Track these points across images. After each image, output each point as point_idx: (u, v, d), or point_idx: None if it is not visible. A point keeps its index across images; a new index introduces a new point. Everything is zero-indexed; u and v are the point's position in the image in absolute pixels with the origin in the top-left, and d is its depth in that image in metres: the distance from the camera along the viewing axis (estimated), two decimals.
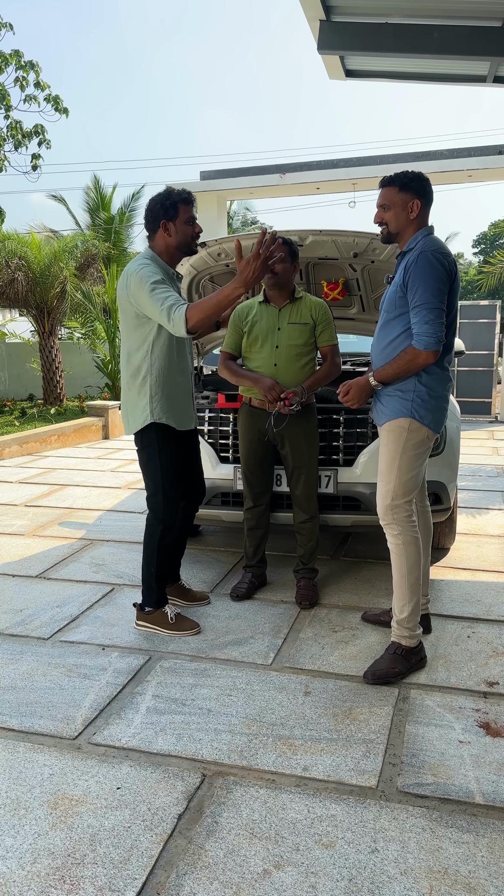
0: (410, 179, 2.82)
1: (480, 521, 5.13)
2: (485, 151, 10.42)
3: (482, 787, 2.17)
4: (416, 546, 2.88)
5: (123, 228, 20.14)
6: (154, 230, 3.04)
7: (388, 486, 2.87)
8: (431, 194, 2.85)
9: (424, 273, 2.68)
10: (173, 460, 3.16)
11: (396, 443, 2.85)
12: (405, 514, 2.87)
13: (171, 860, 1.88)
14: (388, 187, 2.83)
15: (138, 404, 3.09)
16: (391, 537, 2.91)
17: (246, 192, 12.27)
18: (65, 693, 2.74)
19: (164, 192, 3.03)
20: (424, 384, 2.81)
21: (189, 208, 3.02)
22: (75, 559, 4.36)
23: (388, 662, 2.86)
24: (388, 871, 1.83)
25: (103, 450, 8.65)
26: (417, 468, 2.87)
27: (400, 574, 2.89)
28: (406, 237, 2.86)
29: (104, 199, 20.16)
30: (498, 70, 4.52)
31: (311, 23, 4.07)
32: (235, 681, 2.82)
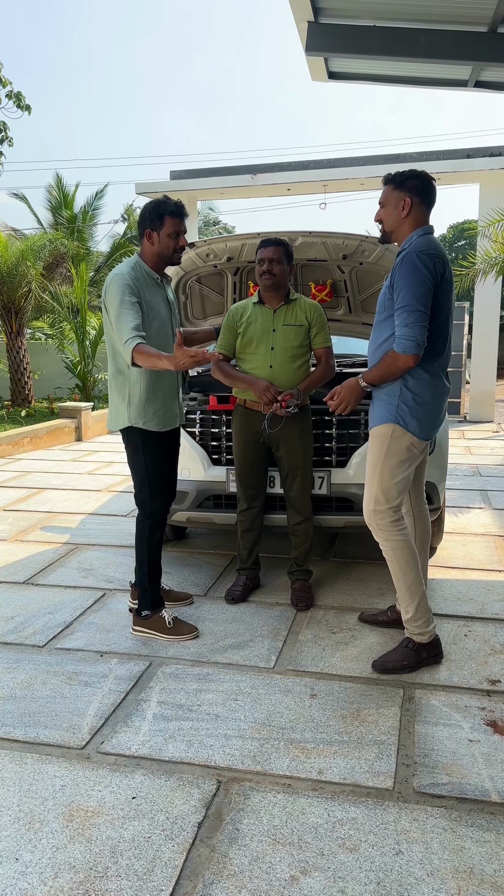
0: (406, 178, 2.79)
1: (463, 519, 5.19)
2: (454, 155, 10.57)
3: (497, 785, 2.19)
4: (404, 549, 2.88)
5: (86, 227, 19.95)
6: (141, 236, 3.09)
7: (370, 491, 2.88)
8: (429, 193, 2.80)
9: (407, 275, 2.65)
10: (157, 456, 3.18)
11: (379, 448, 2.84)
12: (389, 520, 2.86)
13: (195, 870, 1.86)
14: (386, 185, 2.82)
15: (120, 405, 3.11)
16: (380, 542, 2.92)
17: (217, 193, 12.26)
18: (67, 701, 2.69)
19: (156, 201, 3.04)
20: (410, 389, 2.78)
21: (176, 221, 3.02)
22: (62, 564, 4.28)
23: (398, 655, 2.90)
24: (414, 873, 1.83)
25: (78, 452, 8.54)
26: (401, 475, 2.84)
27: (395, 577, 2.92)
28: (401, 236, 2.84)
29: (67, 197, 19.95)
30: (480, 75, 4.59)
31: (300, 24, 4.07)
32: (240, 685, 2.80)
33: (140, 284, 3.00)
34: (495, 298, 10.73)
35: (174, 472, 3.38)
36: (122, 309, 2.90)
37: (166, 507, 3.29)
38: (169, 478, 3.31)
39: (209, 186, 11.63)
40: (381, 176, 9.24)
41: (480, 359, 11.01)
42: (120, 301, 2.91)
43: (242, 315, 3.47)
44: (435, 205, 2.84)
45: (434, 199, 2.82)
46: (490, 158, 10.31)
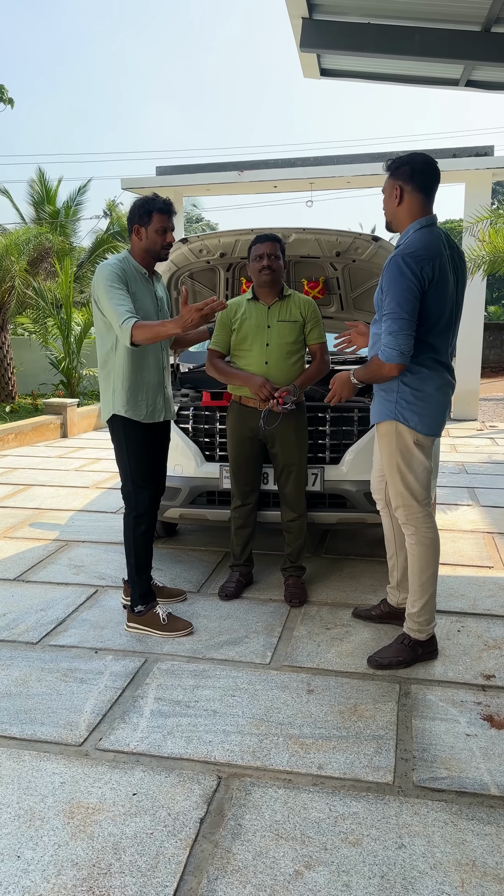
0: (400, 164, 2.71)
1: (452, 516, 5.23)
2: (440, 154, 10.60)
3: (495, 778, 2.20)
4: (430, 547, 2.88)
5: (69, 223, 19.81)
6: (130, 232, 3.13)
7: (395, 488, 2.88)
8: (425, 178, 2.67)
9: (391, 280, 2.61)
10: (142, 450, 3.18)
11: (388, 447, 2.86)
12: (420, 515, 2.86)
13: (199, 865, 1.86)
14: (387, 172, 2.76)
15: (105, 395, 3.17)
16: (407, 536, 2.92)
17: (203, 189, 12.20)
18: (63, 699, 2.67)
19: (145, 198, 3.08)
20: (408, 384, 2.76)
21: (164, 218, 3.05)
22: (52, 561, 4.25)
23: (393, 651, 2.92)
24: (418, 867, 1.85)
25: (64, 448, 8.48)
26: (418, 469, 2.84)
27: (412, 571, 2.92)
28: (400, 226, 2.77)
29: (49, 192, 19.76)
30: (471, 74, 4.61)
31: (294, 20, 4.06)
32: (237, 681, 2.80)
33: (127, 276, 3.04)
34: (479, 297, 10.80)
35: (162, 466, 3.38)
36: (112, 293, 2.94)
37: (152, 501, 3.28)
38: (155, 472, 3.30)
39: (195, 182, 11.58)
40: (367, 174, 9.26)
41: (465, 358, 11.07)
42: (108, 287, 2.96)
43: (237, 312, 3.47)
44: (437, 188, 2.71)
45: (431, 183, 2.69)
46: (476, 158, 10.36)
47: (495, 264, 8.05)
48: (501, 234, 8.26)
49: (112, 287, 2.95)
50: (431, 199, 2.73)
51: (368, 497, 3.71)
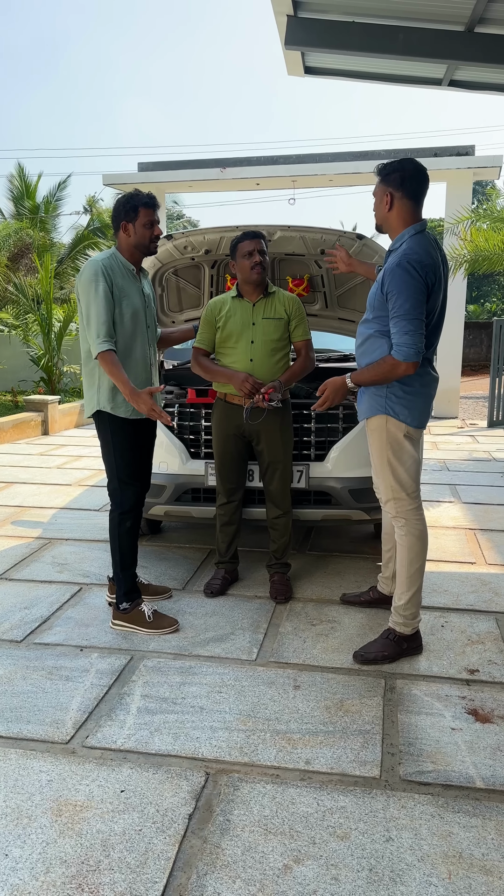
0: (390, 170, 2.77)
1: (435, 513, 5.27)
2: (421, 153, 10.66)
3: (480, 771, 2.23)
4: (419, 539, 2.93)
5: (49, 218, 19.66)
6: (117, 229, 3.14)
7: (385, 482, 2.92)
8: (415, 185, 2.74)
9: (402, 284, 2.66)
10: (128, 446, 3.18)
11: (379, 441, 2.90)
12: (410, 507, 2.92)
13: (189, 861, 1.86)
14: (377, 177, 2.81)
15: (90, 390, 3.17)
16: (397, 528, 2.97)
17: (185, 186, 12.16)
18: (49, 696, 2.66)
19: (128, 194, 3.11)
20: (399, 381, 2.82)
21: (150, 212, 3.09)
22: (36, 559, 4.23)
23: (379, 646, 2.95)
24: (405, 859, 1.86)
25: (45, 446, 8.42)
26: (409, 462, 2.90)
27: (401, 564, 2.97)
28: (392, 231, 2.83)
29: (29, 187, 19.61)
30: (454, 74, 4.64)
31: (279, 17, 4.06)
32: (223, 677, 2.80)
33: (114, 273, 3.07)
34: (460, 296, 10.88)
35: (148, 463, 3.38)
36: (95, 300, 3.00)
37: (138, 498, 3.27)
38: (141, 469, 3.30)
39: (177, 179, 11.54)
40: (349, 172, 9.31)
41: (446, 356, 11.15)
42: (93, 290, 3.00)
43: (221, 309, 3.46)
44: (426, 194, 2.78)
45: (420, 190, 2.76)
46: (457, 157, 10.43)
47: (476, 263, 8.12)
48: (483, 233, 8.33)
49: (97, 290, 2.99)
50: (421, 205, 2.80)
51: (353, 494, 3.74)
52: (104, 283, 3.01)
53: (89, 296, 3.02)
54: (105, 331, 2.99)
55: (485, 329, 23.18)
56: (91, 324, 3.01)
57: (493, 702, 2.63)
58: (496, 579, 3.89)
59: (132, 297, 3.12)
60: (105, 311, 3.00)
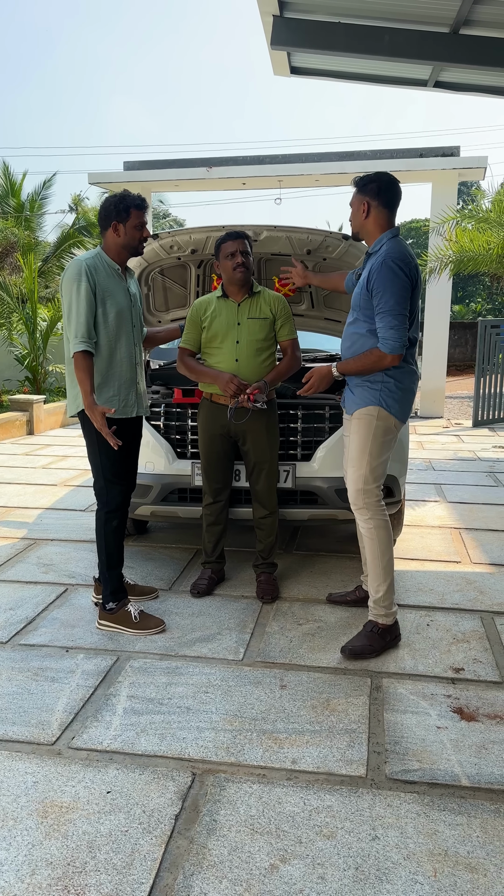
0: (368, 181, 2.96)
1: (420, 512, 5.30)
2: (407, 154, 10.71)
3: (466, 769, 2.24)
4: (386, 529, 3.03)
5: (34, 217, 19.54)
6: (105, 228, 3.15)
7: (359, 471, 3.01)
8: (389, 195, 2.95)
9: (388, 281, 2.82)
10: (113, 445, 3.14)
11: (367, 430, 2.98)
12: (375, 499, 3.02)
13: (175, 861, 1.86)
14: (354, 188, 2.99)
15: (73, 389, 3.15)
16: (363, 522, 3.05)
17: (171, 185, 12.13)
18: (34, 698, 2.65)
19: (120, 195, 3.14)
20: (392, 376, 2.96)
21: (141, 214, 3.13)
22: (21, 559, 4.20)
23: (364, 640, 3.00)
24: (391, 857, 1.87)
25: (30, 446, 8.38)
26: (386, 454, 3.03)
27: (373, 556, 3.03)
28: (368, 237, 3.01)
29: (14, 186, 19.48)
30: (439, 75, 4.66)
31: (265, 17, 4.06)
32: (209, 678, 2.80)
33: (98, 272, 3.08)
34: (445, 296, 10.94)
35: (134, 462, 3.37)
36: (76, 300, 3.02)
37: (124, 497, 3.27)
38: (127, 468, 3.29)
39: (164, 178, 11.52)
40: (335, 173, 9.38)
41: (431, 356, 11.21)
42: (75, 290, 3.02)
43: (206, 309, 3.46)
44: (398, 205, 2.98)
45: (395, 200, 2.97)
46: (442, 158, 10.48)
47: (461, 264, 8.16)
48: (468, 233, 8.37)
49: (79, 291, 3.01)
50: (394, 214, 3.01)
51: (339, 494, 3.74)
52: (87, 283, 3.01)
53: (71, 295, 3.03)
54: (83, 331, 2.99)
55: (470, 329, 23.33)
56: (70, 323, 3.02)
57: (478, 700, 2.65)
58: (481, 578, 3.92)
59: (117, 296, 3.11)
60: (85, 312, 3.01)
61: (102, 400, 3.11)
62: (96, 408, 2.95)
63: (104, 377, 3.12)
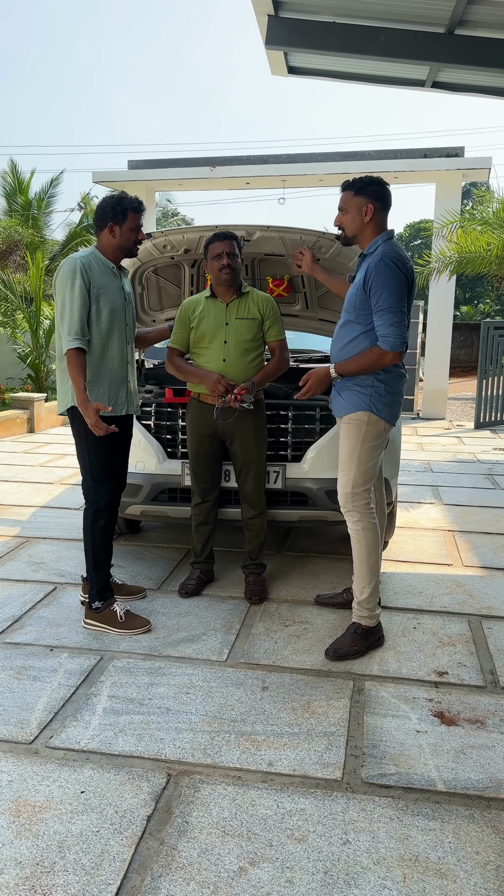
0: (366, 184, 2.93)
1: (414, 514, 5.28)
2: (411, 154, 10.69)
3: (443, 774, 2.23)
4: (374, 531, 3.03)
5: (42, 215, 19.60)
6: (101, 228, 3.16)
7: (348, 475, 3.00)
8: (388, 199, 2.95)
9: (386, 279, 2.81)
10: (103, 444, 3.16)
11: (356, 435, 2.97)
12: (364, 502, 3.02)
13: (144, 863, 1.85)
14: (346, 191, 2.97)
15: (63, 386, 3.16)
16: (351, 524, 3.05)
17: (175, 184, 12.15)
18: (15, 696, 2.65)
19: (117, 197, 3.15)
20: (381, 380, 2.96)
21: (137, 217, 3.15)
22: (12, 558, 4.21)
23: (348, 641, 3.00)
24: (361, 862, 1.86)
25: (30, 443, 8.40)
26: (375, 458, 3.02)
27: (360, 558, 3.03)
28: (365, 240, 2.98)
29: (21, 184, 19.55)
30: (437, 76, 4.64)
31: (259, 17, 4.05)
32: (192, 678, 2.80)
33: (92, 270, 3.09)
34: (449, 298, 10.91)
35: (123, 461, 3.37)
36: (69, 297, 3.03)
37: (112, 497, 3.26)
38: (116, 467, 3.29)
39: (167, 177, 11.53)
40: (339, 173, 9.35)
41: (434, 357, 11.19)
42: (69, 287, 3.03)
43: (195, 309, 3.46)
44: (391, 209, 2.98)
45: (390, 203, 2.97)
46: (446, 159, 10.45)
47: (462, 265, 8.13)
48: (471, 235, 8.34)
49: (74, 287, 3.01)
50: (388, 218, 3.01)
51: (330, 495, 3.73)
52: (80, 281, 3.02)
53: (65, 292, 3.04)
54: (77, 328, 2.99)
55: (476, 330, 23.25)
56: (64, 320, 3.03)
57: (459, 704, 2.64)
58: (471, 581, 3.90)
59: (111, 293, 3.12)
60: (79, 309, 3.01)
61: (93, 396, 3.11)
62: (90, 404, 2.95)
63: (95, 374, 3.13)
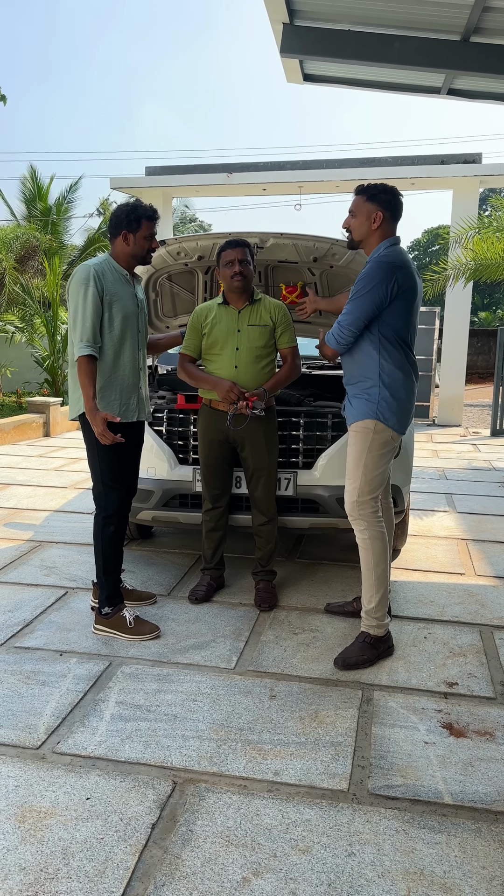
0: (379, 191, 2.93)
1: (428, 522, 5.25)
2: (428, 160, 10.66)
3: (450, 787, 2.21)
4: (381, 540, 3.02)
5: (61, 220, 19.76)
6: (115, 236, 3.17)
7: (354, 483, 3.00)
8: (399, 209, 2.95)
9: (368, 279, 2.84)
10: (112, 450, 3.16)
11: (363, 443, 2.97)
12: (371, 510, 3.01)
13: (147, 871, 1.85)
14: (358, 195, 2.97)
15: (76, 392, 3.17)
16: (358, 532, 3.04)
17: (192, 190, 12.20)
18: (24, 701, 2.66)
19: (132, 205, 3.17)
20: (388, 387, 2.95)
21: (151, 225, 3.16)
22: (24, 562, 4.24)
23: (357, 650, 2.99)
24: (365, 875, 1.85)
25: (45, 447, 8.45)
26: (383, 467, 3.01)
27: (367, 567, 3.02)
28: (370, 246, 2.99)
29: (41, 189, 19.70)
30: (452, 83, 4.63)
31: (275, 25, 4.07)
32: (200, 685, 2.80)
33: (105, 277, 3.10)
34: (465, 303, 10.85)
35: (134, 467, 3.38)
36: (82, 304, 3.04)
37: (122, 502, 3.27)
38: (126, 473, 3.30)
39: (184, 184, 11.58)
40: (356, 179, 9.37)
41: (450, 363, 11.13)
42: (82, 294, 3.05)
43: (207, 316, 3.47)
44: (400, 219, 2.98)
45: (401, 214, 2.97)
46: (463, 165, 10.42)
47: (478, 272, 8.09)
48: (487, 241, 8.30)
49: (86, 295, 3.03)
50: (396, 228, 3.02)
51: (341, 502, 3.72)
52: (94, 288, 3.04)
53: (77, 299, 3.06)
54: (89, 335, 3.01)
55: (494, 336, 23.12)
56: (76, 327, 3.04)
57: (468, 716, 2.62)
58: (484, 591, 3.87)
59: (125, 300, 3.14)
60: (92, 316, 3.03)
61: (105, 403, 3.13)
62: (98, 413, 2.96)
63: (107, 381, 3.14)
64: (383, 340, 2.90)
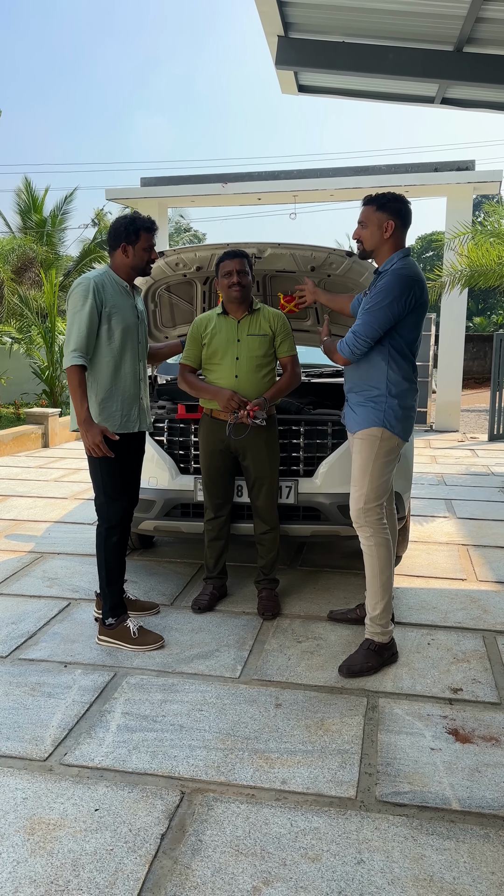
0: (388, 200, 2.95)
1: (428, 528, 5.26)
2: (421, 168, 10.72)
3: (457, 793, 2.22)
4: (387, 547, 3.03)
5: (56, 232, 19.83)
6: (114, 248, 3.19)
7: (360, 490, 3.01)
8: (408, 217, 2.97)
9: (388, 290, 2.83)
10: (113, 461, 3.17)
11: (369, 450, 2.99)
12: (376, 517, 3.02)
13: (158, 882, 1.85)
14: (367, 206, 2.97)
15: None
16: (364, 539, 3.05)
17: (187, 200, 12.26)
18: (30, 713, 2.66)
19: (130, 217, 3.19)
20: (395, 397, 2.97)
21: (150, 236, 3.18)
22: (26, 573, 4.24)
23: (362, 658, 2.99)
24: (375, 882, 1.85)
25: (44, 458, 8.45)
26: (388, 474, 3.03)
27: (372, 573, 3.03)
28: (382, 257, 3.00)
29: (36, 201, 19.79)
30: (446, 92, 4.67)
31: (269, 38, 4.11)
32: (205, 695, 2.80)
33: (105, 290, 3.12)
34: (461, 310, 10.90)
35: (136, 478, 3.39)
36: (79, 316, 3.06)
37: (124, 513, 3.29)
38: (128, 484, 3.31)
39: (180, 194, 11.63)
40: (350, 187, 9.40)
41: (446, 369, 11.16)
42: (80, 306, 3.07)
43: (207, 326, 3.49)
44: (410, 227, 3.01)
45: (410, 221, 2.99)
46: (457, 172, 10.48)
47: (473, 278, 8.13)
48: (482, 247, 8.35)
49: (84, 307, 3.05)
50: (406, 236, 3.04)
51: (342, 510, 3.73)
52: (92, 301, 3.05)
53: (74, 311, 3.08)
54: (81, 345, 3.03)
55: (489, 342, 23.17)
56: (69, 337, 3.07)
57: (474, 721, 2.62)
58: (486, 596, 3.88)
59: (125, 312, 3.15)
60: (86, 328, 3.04)
61: (106, 414, 3.14)
62: (94, 426, 2.99)
63: (108, 392, 3.15)
64: (393, 352, 2.93)
